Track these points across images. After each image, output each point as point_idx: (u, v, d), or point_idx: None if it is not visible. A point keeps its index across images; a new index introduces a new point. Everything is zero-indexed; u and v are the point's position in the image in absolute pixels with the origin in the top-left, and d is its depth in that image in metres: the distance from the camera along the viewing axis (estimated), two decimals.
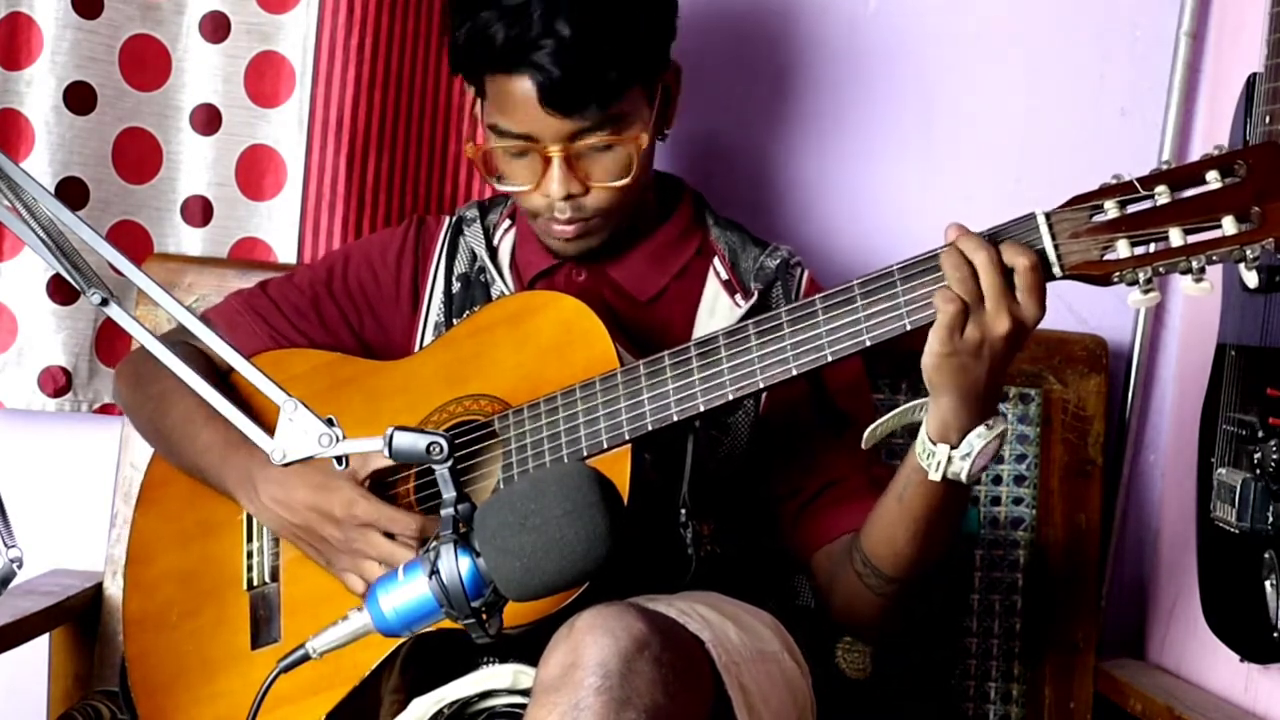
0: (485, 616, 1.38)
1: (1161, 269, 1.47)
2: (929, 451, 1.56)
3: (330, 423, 1.40)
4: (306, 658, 1.41)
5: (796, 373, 1.59)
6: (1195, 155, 1.68)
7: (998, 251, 1.49)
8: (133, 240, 2.22)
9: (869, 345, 1.56)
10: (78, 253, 1.43)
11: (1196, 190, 1.47)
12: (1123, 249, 1.47)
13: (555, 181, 1.74)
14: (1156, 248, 1.47)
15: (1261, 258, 1.44)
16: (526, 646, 1.53)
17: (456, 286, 1.91)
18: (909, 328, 1.54)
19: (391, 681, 1.66)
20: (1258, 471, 1.76)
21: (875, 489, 1.71)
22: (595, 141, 1.73)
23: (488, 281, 1.90)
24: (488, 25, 1.71)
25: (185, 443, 1.84)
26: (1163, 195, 1.47)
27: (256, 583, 1.80)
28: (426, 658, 1.64)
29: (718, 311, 1.83)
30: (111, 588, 2.14)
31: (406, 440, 1.38)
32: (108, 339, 2.23)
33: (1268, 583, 1.76)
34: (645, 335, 1.79)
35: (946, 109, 2.29)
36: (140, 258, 2.20)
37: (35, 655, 2.11)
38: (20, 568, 1.35)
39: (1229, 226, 1.45)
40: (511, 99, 1.73)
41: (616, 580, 1.46)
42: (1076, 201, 1.51)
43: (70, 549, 2.26)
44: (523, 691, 1.53)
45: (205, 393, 1.43)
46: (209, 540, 1.84)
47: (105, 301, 1.42)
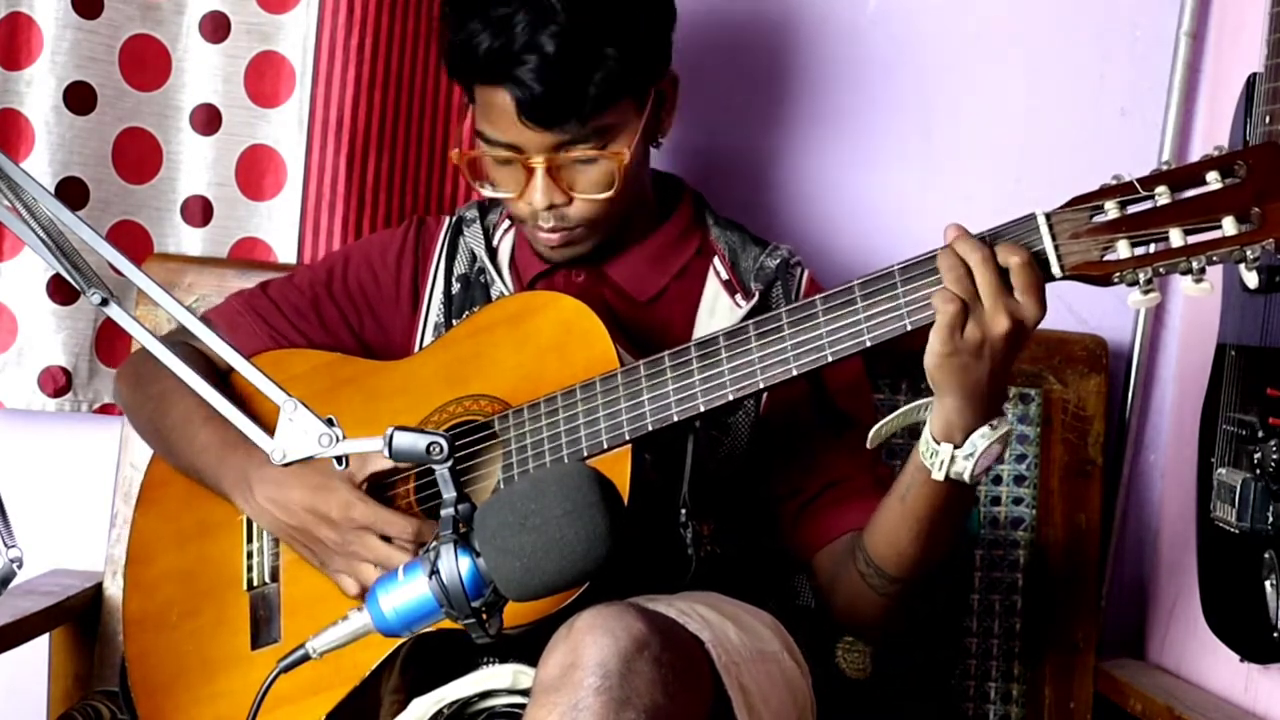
0: (485, 616, 1.38)
1: (1162, 269, 1.47)
2: (932, 451, 1.56)
3: (330, 423, 1.40)
4: (306, 658, 1.41)
5: (797, 373, 1.59)
6: (1195, 155, 1.68)
7: (992, 251, 1.50)
8: (133, 240, 2.22)
9: (869, 345, 1.56)
10: (78, 253, 1.43)
11: (1197, 191, 1.47)
12: (1123, 249, 1.47)
13: (538, 192, 1.75)
14: (1157, 248, 1.47)
15: (1261, 258, 1.44)
16: (526, 646, 1.53)
17: (456, 287, 1.91)
18: (909, 328, 1.54)
19: (391, 681, 1.66)
20: (1258, 471, 1.76)
21: (878, 488, 1.71)
22: (578, 154, 1.73)
23: (487, 282, 1.90)
24: (473, 35, 1.71)
25: (183, 443, 1.84)
26: (1163, 196, 1.47)
27: (256, 583, 1.80)
28: (426, 658, 1.64)
29: (718, 312, 1.83)
30: (111, 588, 2.14)
31: (406, 440, 1.38)
32: (108, 339, 2.23)
33: (1268, 583, 1.76)
34: (645, 335, 1.79)
35: (946, 109, 2.29)
36: (140, 258, 2.20)
37: (35, 655, 2.11)
38: (20, 568, 1.35)
39: (1229, 227, 1.45)
40: (495, 109, 1.73)
41: (616, 580, 1.46)
42: (1077, 202, 1.51)
43: (70, 549, 2.26)
44: (523, 691, 1.53)
45: (205, 392, 1.43)
46: (209, 540, 1.84)
47: (105, 301, 1.42)
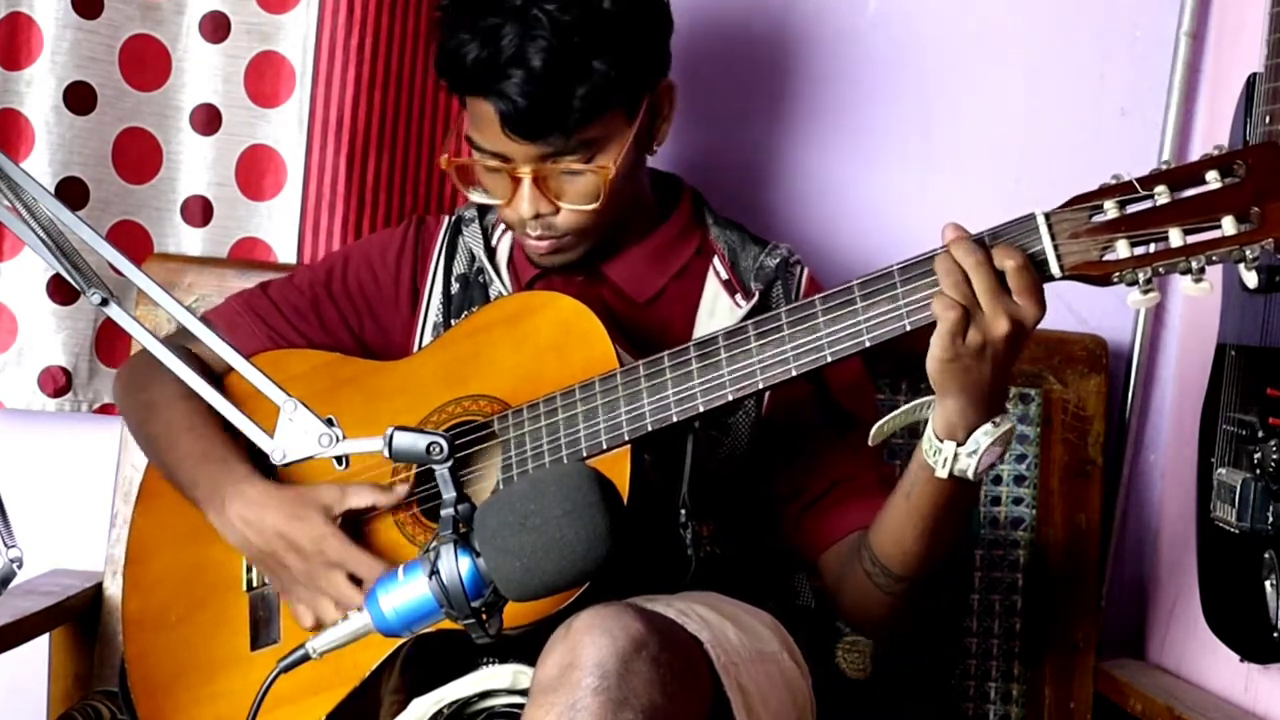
0: (485, 616, 1.38)
1: (1161, 269, 1.46)
2: (935, 449, 1.56)
3: (330, 423, 1.40)
4: (306, 658, 1.41)
5: (796, 373, 1.59)
6: (1195, 155, 1.68)
7: (989, 254, 1.50)
8: (133, 240, 2.22)
9: (869, 346, 1.56)
10: (78, 253, 1.43)
11: (1196, 190, 1.47)
12: (1122, 249, 1.47)
13: (524, 202, 1.75)
14: (1156, 248, 1.47)
15: (1261, 258, 1.44)
16: (526, 646, 1.53)
17: (455, 287, 1.91)
18: (909, 328, 1.54)
19: (391, 682, 1.66)
20: (1258, 471, 1.76)
21: (882, 487, 1.71)
22: (564, 166, 1.73)
23: (486, 282, 1.90)
24: (462, 45, 1.71)
25: (166, 451, 1.85)
26: (1162, 195, 1.47)
27: (256, 583, 1.80)
28: (426, 658, 1.64)
29: (718, 312, 1.83)
30: (111, 588, 2.14)
31: (406, 440, 1.38)
32: (108, 339, 2.23)
33: (1268, 583, 1.76)
34: (644, 336, 1.79)
35: (946, 109, 2.29)
36: (140, 258, 2.20)
37: (35, 655, 2.11)
38: (20, 568, 1.35)
39: (1228, 227, 1.44)
40: (483, 119, 1.73)
41: (616, 580, 1.46)
42: (1076, 202, 1.51)
43: (70, 549, 2.26)
44: (522, 691, 1.53)
45: (205, 392, 1.43)
46: (208, 541, 1.83)
47: (105, 301, 1.42)
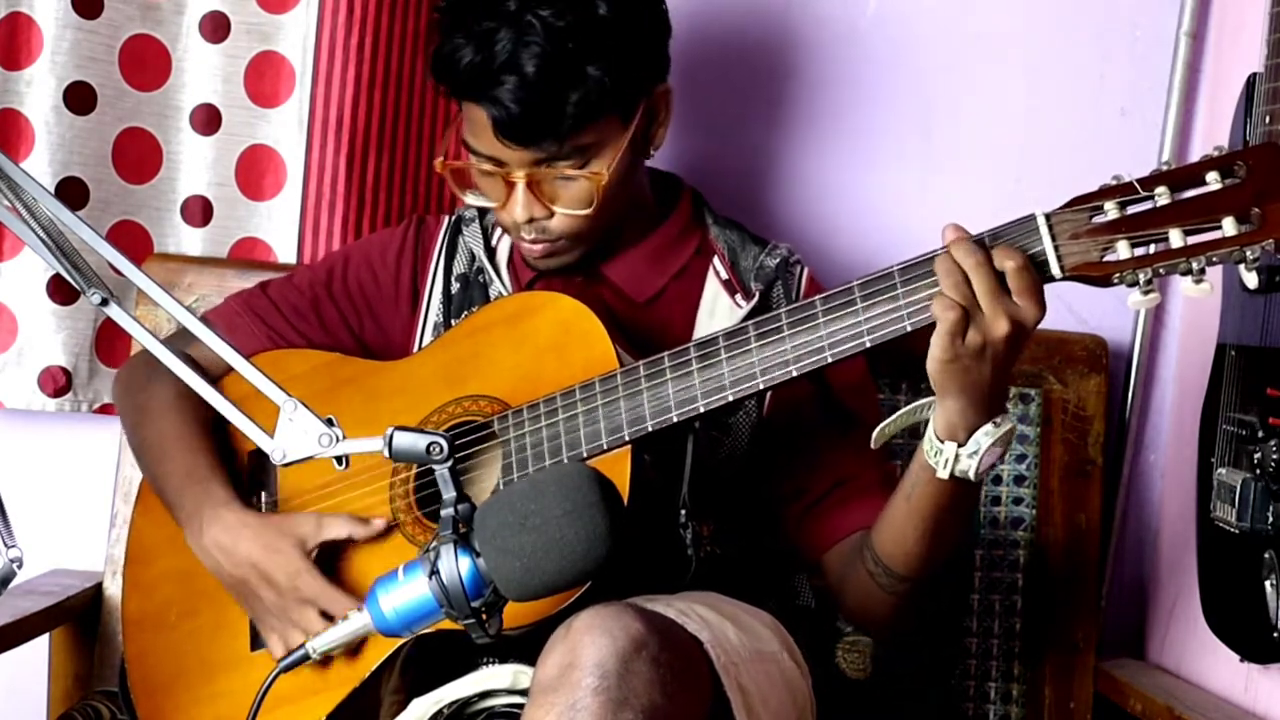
0: (485, 616, 1.38)
1: (1161, 270, 1.46)
2: (936, 450, 1.56)
3: (330, 423, 1.40)
4: (306, 658, 1.41)
5: (796, 374, 1.59)
6: (1195, 155, 1.68)
7: (989, 255, 1.50)
8: (133, 240, 2.22)
9: (869, 346, 1.56)
10: (78, 253, 1.43)
11: (1196, 191, 1.47)
12: (1123, 250, 1.47)
13: (518, 206, 1.75)
14: (1156, 249, 1.47)
15: (1261, 259, 1.44)
16: (526, 647, 1.53)
17: (455, 287, 1.91)
18: (909, 329, 1.54)
19: (391, 682, 1.66)
20: (1258, 471, 1.76)
21: (884, 486, 1.72)
22: (558, 171, 1.73)
23: (486, 282, 1.90)
24: (457, 49, 1.71)
25: (154, 463, 1.85)
26: (1163, 196, 1.47)
27: None
28: (426, 658, 1.64)
29: (718, 312, 1.83)
30: (111, 588, 2.14)
31: (406, 440, 1.38)
32: (108, 339, 2.23)
33: (1268, 583, 1.76)
34: (644, 336, 1.79)
35: (946, 109, 2.29)
36: (140, 258, 2.20)
37: (35, 655, 2.11)
38: (20, 568, 1.35)
39: (1229, 227, 1.44)
40: (477, 124, 1.73)
41: (616, 580, 1.46)
42: (1076, 202, 1.50)
43: (70, 549, 2.26)
44: (522, 691, 1.53)
45: (205, 392, 1.43)
46: None
47: (105, 301, 1.42)
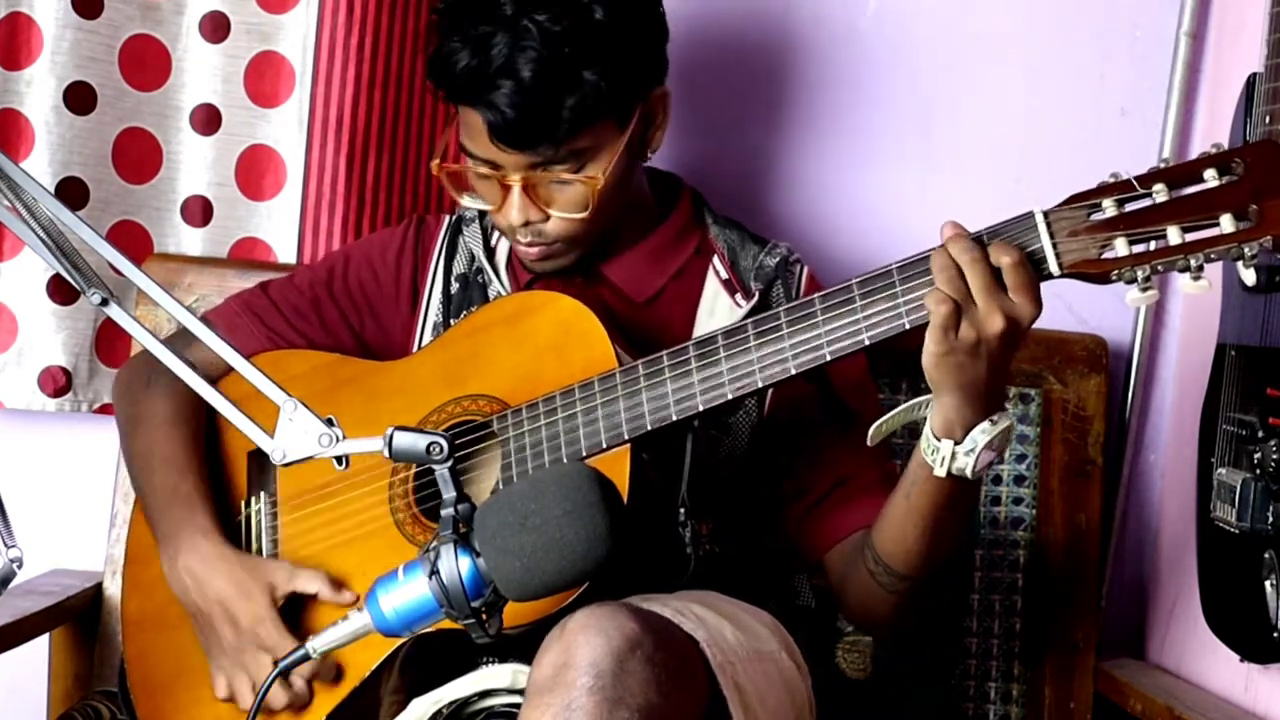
0: (485, 616, 1.38)
1: (1160, 267, 1.47)
2: (933, 448, 1.56)
3: (330, 423, 1.40)
4: (307, 658, 1.41)
5: (795, 372, 1.59)
6: (1195, 155, 1.68)
7: (985, 251, 1.50)
8: (133, 240, 2.22)
9: (868, 344, 1.56)
10: (78, 253, 1.43)
11: (1194, 188, 1.47)
12: (1121, 247, 1.47)
13: (514, 209, 1.75)
14: (1155, 246, 1.47)
15: (1259, 256, 1.44)
16: (526, 646, 1.52)
17: (455, 287, 1.92)
18: (908, 326, 1.54)
19: (391, 682, 1.66)
20: (1258, 471, 1.76)
21: (885, 484, 1.72)
22: (554, 175, 1.73)
23: (485, 282, 1.90)
24: (453, 52, 1.71)
25: (139, 476, 1.86)
26: (1161, 193, 1.47)
27: None
28: (426, 658, 1.64)
29: (717, 312, 1.83)
30: (111, 588, 2.14)
31: (406, 440, 1.38)
32: (108, 339, 2.23)
33: (1268, 583, 1.76)
34: (644, 336, 1.79)
35: (946, 109, 2.29)
36: (140, 258, 2.20)
37: (35, 655, 2.11)
38: (20, 568, 1.34)
39: (1227, 224, 1.45)
40: (473, 127, 1.74)
41: (615, 580, 1.46)
42: (1075, 200, 1.51)
43: (70, 549, 2.26)
44: (521, 691, 1.52)
45: (205, 392, 1.43)
46: None
47: (105, 301, 1.42)
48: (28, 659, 2.08)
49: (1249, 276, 1.47)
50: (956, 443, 1.54)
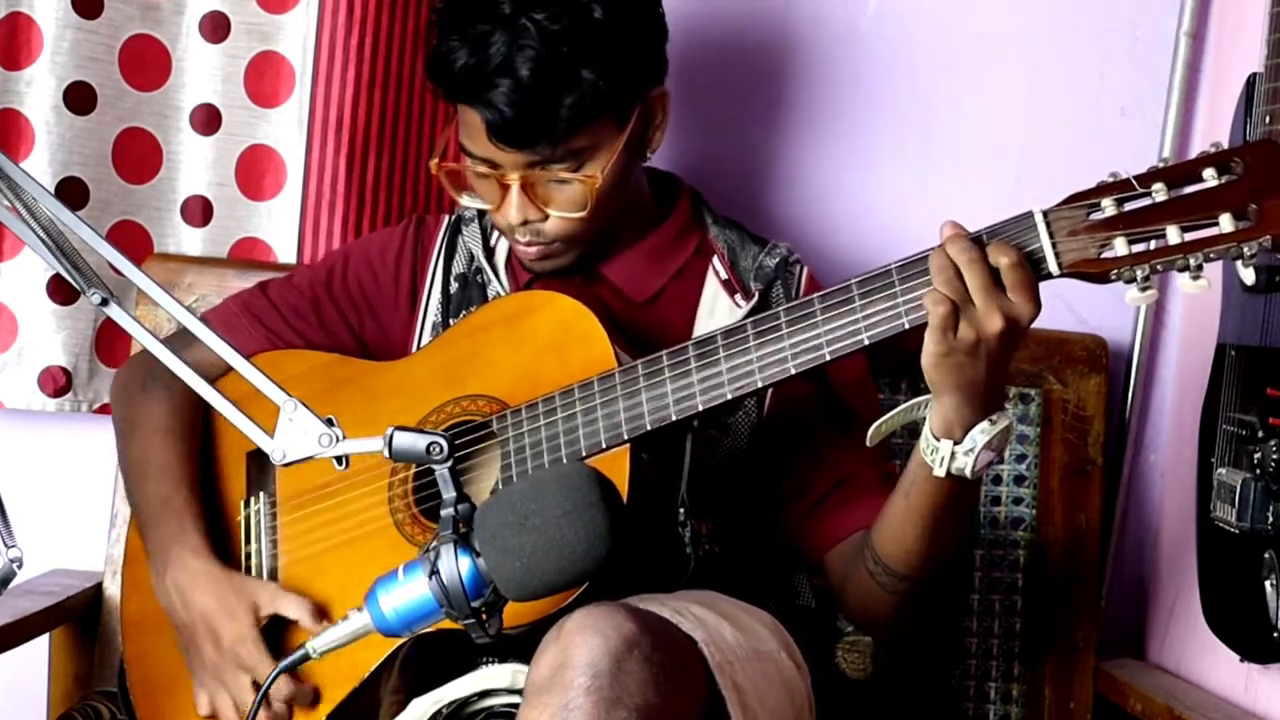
0: (485, 616, 1.38)
1: (1159, 266, 1.47)
2: (933, 448, 1.56)
3: (330, 423, 1.40)
4: (307, 658, 1.41)
5: (795, 372, 1.59)
6: (1194, 155, 1.68)
7: (983, 251, 1.50)
8: (133, 240, 2.22)
9: (867, 344, 1.56)
10: (78, 253, 1.43)
11: (1194, 188, 1.47)
12: (1120, 246, 1.47)
13: (512, 208, 1.75)
14: (1154, 245, 1.47)
15: (1258, 255, 1.44)
16: (526, 646, 1.52)
17: (454, 287, 1.92)
18: (907, 326, 1.54)
19: (391, 682, 1.66)
20: (1258, 471, 1.76)
21: (885, 484, 1.71)
22: (552, 174, 1.73)
23: (485, 282, 1.90)
24: (452, 51, 1.71)
25: (132, 482, 1.87)
26: (1160, 193, 1.47)
27: None
28: (426, 658, 1.64)
29: (717, 312, 1.83)
30: (111, 588, 2.14)
31: (406, 440, 1.38)
32: (108, 339, 2.23)
33: (1268, 583, 1.76)
34: (643, 336, 1.79)
35: (946, 109, 2.29)
36: (140, 258, 2.20)
37: (35, 655, 2.11)
38: (20, 568, 1.34)
39: (1226, 224, 1.44)
40: (471, 126, 1.74)
41: (615, 579, 1.46)
42: (1074, 199, 1.51)
43: (70, 549, 2.26)
44: (521, 691, 1.52)
45: (205, 392, 1.43)
46: None
47: (105, 301, 1.42)
48: (28, 659, 2.08)
49: (1248, 276, 1.47)
50: (956, 443, 1.54)
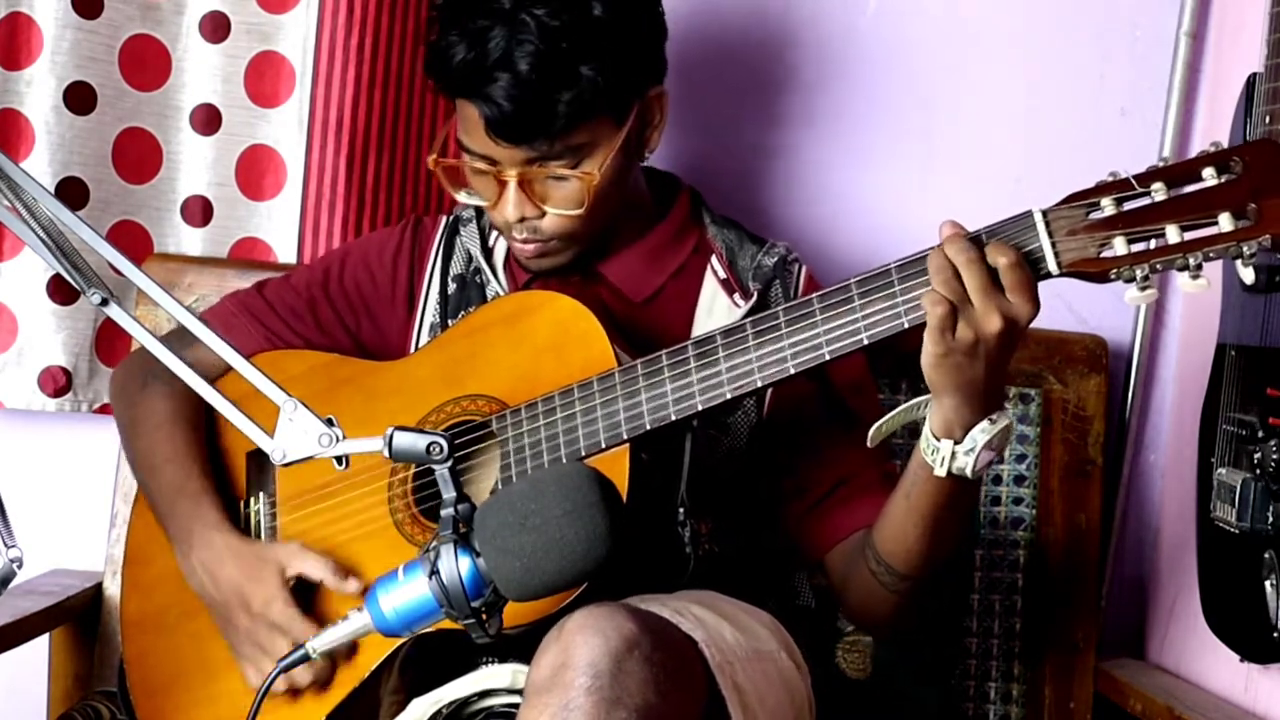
0: (485, 616, 1.38)
1: (1158, 266, 1.46)
2: (933, 448, 1.56)
3: (330, 423, 1.40)
4: (307, 658, 1.41)
5: (794, 372, 1.59)
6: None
7: (982, 252, 1.50)
8: (133, 240, 2.22)
9: (867, 344, 1.56)
10: (78, 253, 1.43)
11: (1193, 187, 1.47)
12: (1120, 246, 1.47)
13: (510, 205, 1.75)
14: (1154, 245, 1.47)
15: (1258, 254, 1.44)
16: (526, 646, 1.52)
17: (452, 287, 1.91)
18: (906, 326, 1.54)
19: (391, 682, 1.66)
20: (1258, 471, 1.76)
21: (885, 483, 1.72)
22: (550, 171, 1.73)
23: (483, 282, 1.90)
24: (451, 46, 1.71)
25: (146, 475, 1.86)
26: (1159, 192, 1.47)
27: None
28: (426, 658, 1.64)
29: (716, 311, 1.83)
30: (111, 588, 2.14)
31: (406, 440, 1.38)
32: (108, 339, 2.23)
33: (1268, 583, 1.76)
34: (643, 335, 1.79)
35: (946, 109, 2.29)
36: (140, 258, 2.20)
37: (35, 655, 2.11)
38: (20, 568, 1.35)
39: (1225, 223, 1.44)
40: (470, 121, 1.73)
41: (614, 579, 1.46)
42: (1073, 199, 1.50)
43: (70, 549, 2.26)
44: (521, 691, 1.52)
45: (206, 393, 1.43)
46: None
47: (105, 301, 1.42)
48: (28, 659, 2.08)
49: (1248, 275, 1.47)
50: (956, 442, 1.54)
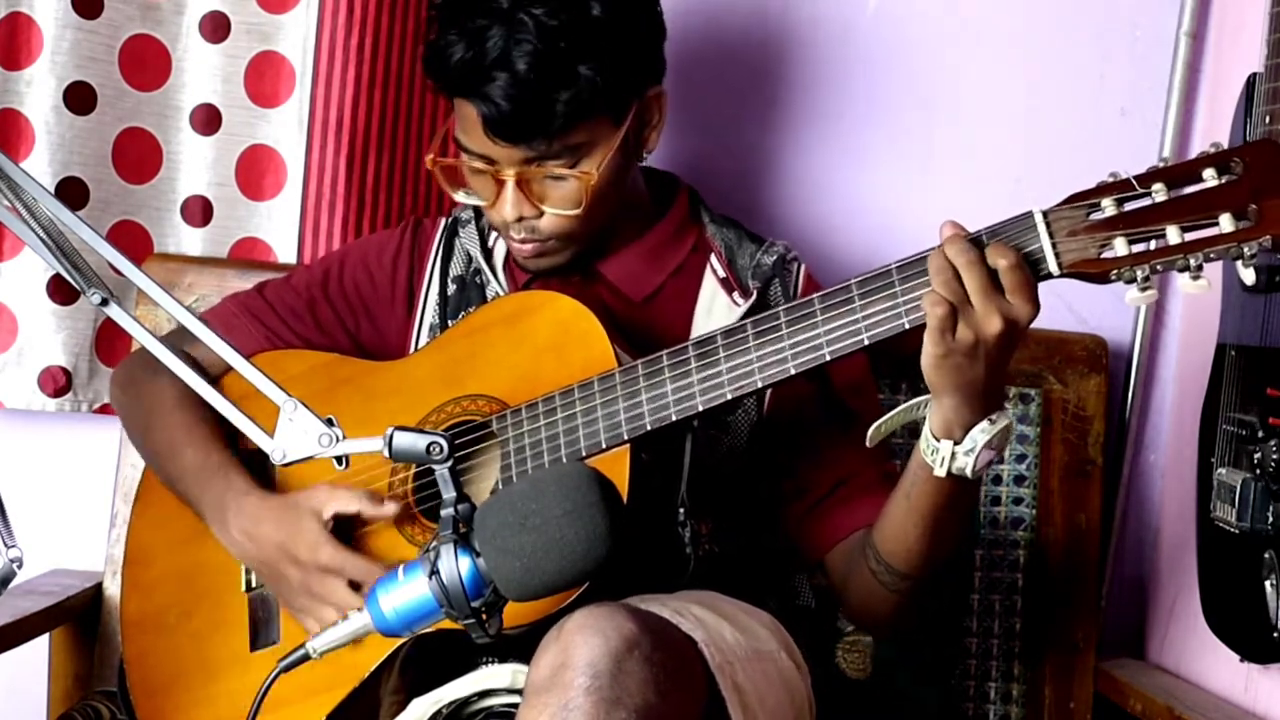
0: (485, 616, 1.38)
1: (1159, 266, 1.46)
2: (933, 448, 1.56)
3: (330, 422, 1.40)
4: (306, 658, 1.41)
5: (795, 372, 1.59)
6: (1194, 155, 1.68)
7: (982, 253, 1.50)
8: (133, 240, 2.22)
9: (867, 344, 1.56)
10: (78, 253, 1.43)
11: (1194, 188, 1.47)
12: (1120, 246, 1.47)
13: (508, 205, 1.75)
14: (1154, 245, 1.47)
15: (1258, 255, 1.44)
16: (526, 646, 1.52)
17: (452, 289, 1.91)
18: (907, 326, 1.54)
19: (391, 683, 1.66)
20: (1258, 471, 1.76)
21: (885, 483, 1.72)
22: (548, 170, 1.73)
23: (483, 283, 1.90)
24: (449, 45, 1.71)
25: (167, 461, 1.85)
26: (1160, 193, 1.47)
27: (255, 584, 1.80)
28: (426, 658, 1.64)
29: (715, 310, 1.83)
30: (111, 588, 2.14)
31: (406, 440, 1.38)
32: (108, 339, 2.23)
33: (1268, 583, 1.76)
34: (642, 335, 1.79)
35: (946, 109, 2.29)
36: (140, 258, 2.20)
37: (35, 655, 2.11)
38: (20, 568, 1.35)
39: (1226, 224, 1.44)
40: (468, 121, 1.73)
41: (614, 579, 1.46)
42: (1074, 199, 1.50)
43: (70, 549, 2.26)
44: (521, 691, 1.53)
45: (206, 393, 1.43)
46: (207, 542, 1.83)
47: (105, 301, 1.42)
48: (28, 659, 2.08)
49: (1248, 276, 1.47)
50: (956, 443, 1.54)
